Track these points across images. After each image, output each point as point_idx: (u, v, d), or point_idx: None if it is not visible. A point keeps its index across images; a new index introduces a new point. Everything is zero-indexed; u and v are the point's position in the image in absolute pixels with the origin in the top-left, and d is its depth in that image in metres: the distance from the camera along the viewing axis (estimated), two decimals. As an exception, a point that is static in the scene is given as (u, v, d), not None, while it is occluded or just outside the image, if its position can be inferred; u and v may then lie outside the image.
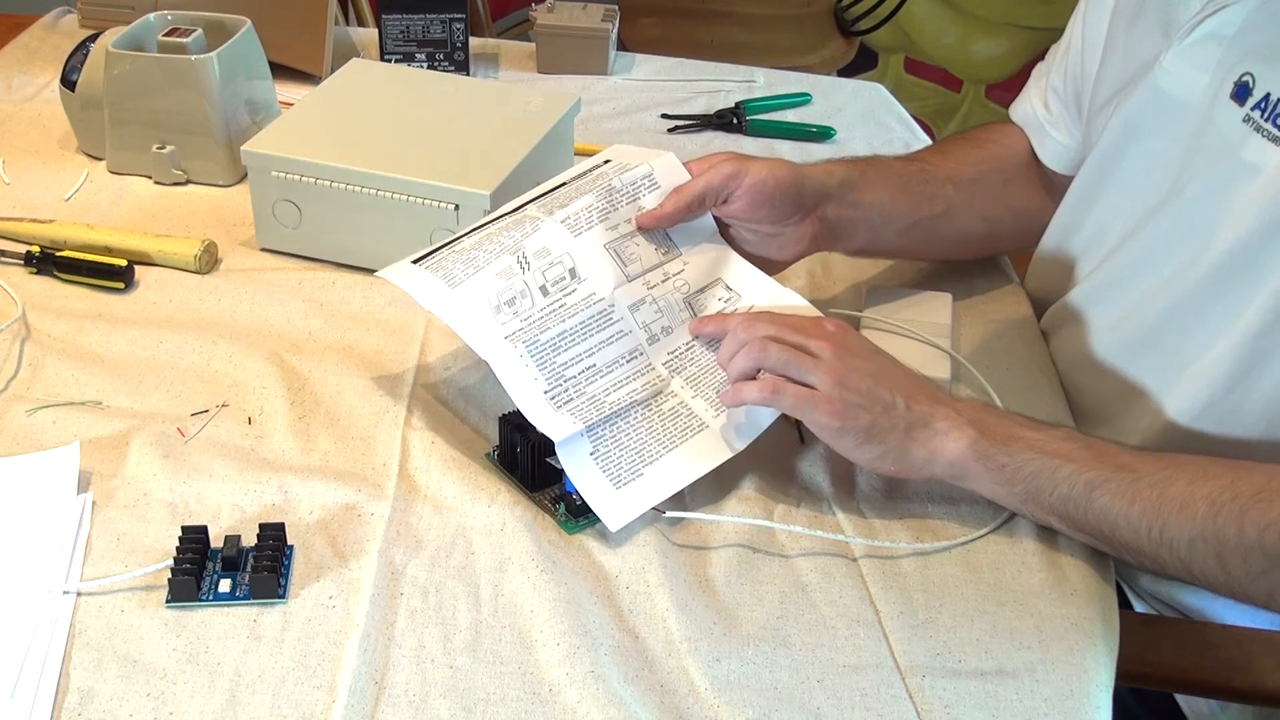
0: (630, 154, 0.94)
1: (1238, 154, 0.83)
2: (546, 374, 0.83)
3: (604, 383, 0.84)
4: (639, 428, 0.84)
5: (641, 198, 0.91)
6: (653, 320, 0.87)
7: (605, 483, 0.81)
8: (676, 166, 0.92)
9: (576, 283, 0.86)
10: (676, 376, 0.86)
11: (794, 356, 0.81)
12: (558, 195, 0.90)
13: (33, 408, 0.90)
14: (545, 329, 0.84)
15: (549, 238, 0.86)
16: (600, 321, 0.86)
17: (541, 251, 0.86)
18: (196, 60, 1.13)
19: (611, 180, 0.90)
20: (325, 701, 0.70)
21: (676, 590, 0.78)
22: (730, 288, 0.91)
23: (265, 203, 1.06)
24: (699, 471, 0.83)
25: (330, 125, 1.09)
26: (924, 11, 2.64)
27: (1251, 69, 0.83)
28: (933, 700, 0.72)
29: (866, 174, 0.97)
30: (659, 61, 1.47)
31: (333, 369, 0.95)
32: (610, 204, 0.90)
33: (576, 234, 0.87)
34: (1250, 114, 0.83)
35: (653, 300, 0.88)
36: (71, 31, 1.43)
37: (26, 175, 1.19)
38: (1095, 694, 0.73)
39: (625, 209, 0.90)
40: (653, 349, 0.87)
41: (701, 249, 0.92)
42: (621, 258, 0.88)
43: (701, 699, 0.72)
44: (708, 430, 0.85)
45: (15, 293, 1.01)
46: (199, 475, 0.85)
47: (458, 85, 1.18)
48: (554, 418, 0.81)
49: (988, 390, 0.95)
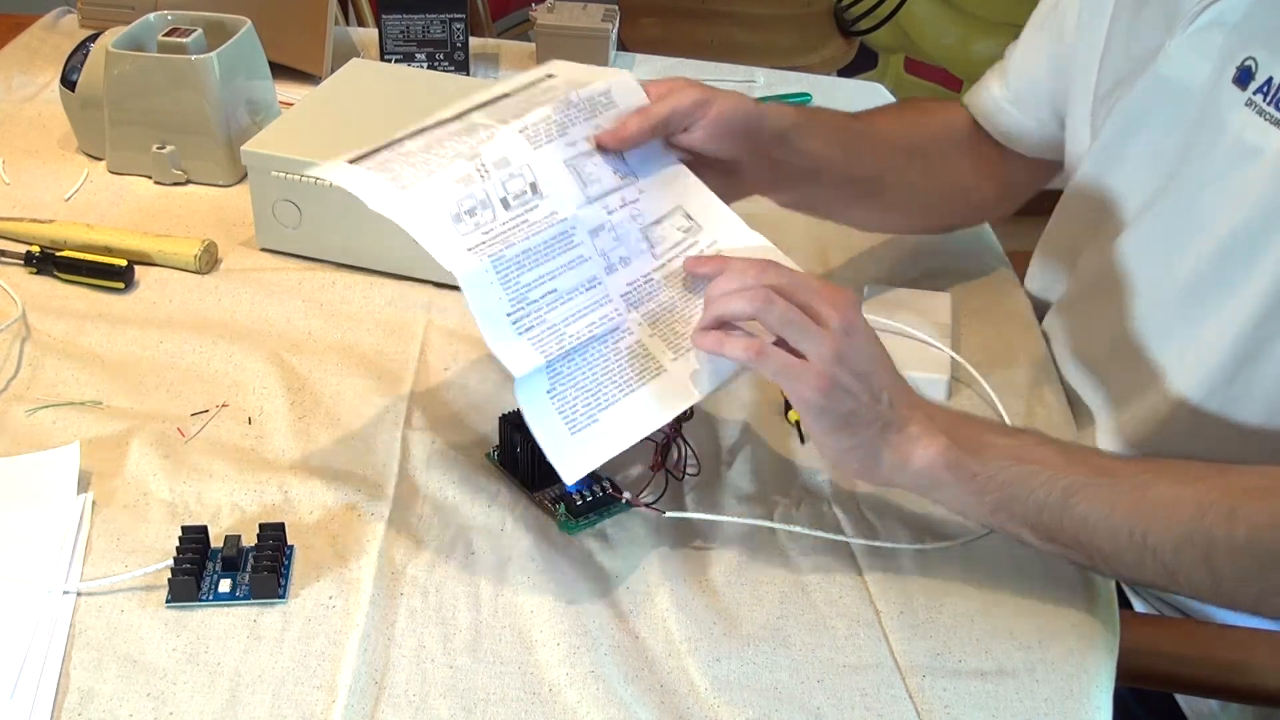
0: (578, 70, 0.89)
1: (1239, 138, 0.83)
2: (510, 294, 0.76)
3: (564, 311, 0.78)
4: (595, 367, 0.77)
5: (599, 115, 0.85)
6: (611, 248, 0.81)
7: (561, 426, 0.75)
8: (634, 87, 0.87)
9: (538, 199, 0.80)
10: (634, 311, 0.80)
11: (798, 317, 0.74)
12: (507, 105, 0.84)
13: (33, 408, 0.90)
14: (510, 244, 0.77)
15: (507, 147, 0.80)
16: (562, 243, 0.80)
17: (501, 161, 0.79)
18: (196, 60, 1.13)
19: (568, 94, 0.84)
20: (325, 701, 0.70)
21: (676, 590, 0.78)
22: (690, 216, 0.85)
23: (265, 203, 1.06)
24: (656, 421, 0.78)
25: (330, 125, 1.09)
26: (924, 11, 2.64)
27: (1255, 54, 0.83)
28: (933, 700, 0.72)
29: (812, 122, 0.94)
30: (659, 61, 1.47)
31: (333, 369, 0.95)
32: (568, 118, 0.83)
33: (536, 146, 0.81)
34: (1252, 98, 0.82)
35: (611, 227, 0.82)
36: (71, 31, 1.43)
37: (26, 175, 1.19)
38: (1095, 694, 0.73)
39: (582, 125, 0.84)
40: (611, 279, 0.80)
41: (659, 176, 0.86)
42: (582, 177, 0.82)
43: (701, 699, 0.72)
44: (665, 374, 0.79)
45: (15, 293, 1.01)
46: (199, 475, 0.85)
47: (458, 85, 1.18)
48: (515, 346, 0.75)
49: (988, 390, 0.95)
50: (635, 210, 0.83)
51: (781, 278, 0.76)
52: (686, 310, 0.81)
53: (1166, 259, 0.90)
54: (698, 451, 0.87)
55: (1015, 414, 0.93)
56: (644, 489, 0.84)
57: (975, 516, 0.77)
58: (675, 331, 0.80)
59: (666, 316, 0.81)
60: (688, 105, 0.85)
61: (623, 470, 0.87)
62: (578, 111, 0.84)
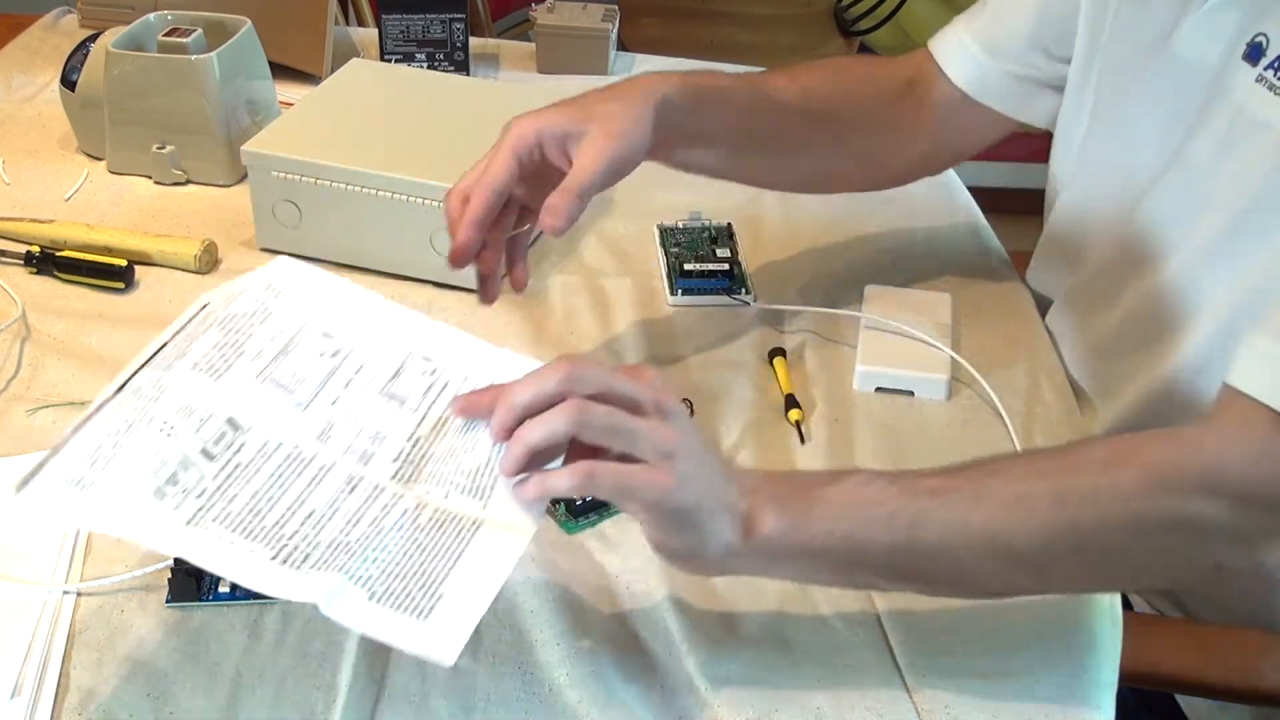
0: (234, 282, 0.77)
1: (1249, 114, 0.82)
2: (262, 543, 0.65)
3: (336, 524, 0.67)
4: (407, 553, 0.66)
5: (271, 310, 0.74)
6: (354, 438, 0.70)
7: (408, 620, 0.64)
8: (293, 263, 0.77)
9: (242, 434, 0.69)
10: (414, 484, 0.69)
11: (621, 419, 0.65)
12: (168, 354, 0.73)
13: (33, 408, 0.90)
14: (231, 498, 0.66)
15: (186, 392, 0.69)
16: (293, 466, 0.68)
17: (185, 410, 0.68)
18: (196, 60, 1.13)
19: (229, 309, 0.74)
20: (325, 701, 0.70)
21: (676, 590, 0.78)
22: (429, 358, 0.75)
23: (265, 203, 1.06)
24: (504, 570, 0.67)
25: (330, 125, 1.09)
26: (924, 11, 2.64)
27: (1267, 30, 0.83)
28: (933, 700, 0.72)
29: (701, 101, 0.89)
30: (659, 61, 1.46)
31: (333, 369, 0.95)
32: (240, 332, 0.73)
33: (217, 377, 0.70)
34: (1264, 74, 0.82)
35: (343, 416, 0.71)
36: (71, 31, 1.43)
37: (26, 175, 1.19)
38: (1095, 694, 0.73)
39: (260, 331, 0.73)
40: (371, 467, 0.69)
41: (374, 333, 0.75)
42: (283, 386, 0.71)
43: (701, 699, 0.72)
44: (485, 526, 0.68)
45: (15, 293, 1.01)
46: (199, 475, 0.85)
47: (458, 85, 1.18)
48: (302, 582, 0.63)
49: (988, 390, 0.95)
50: (364, 380, 0.73)
51: (585, 379, 0.66)
52: (471, 450, 0.70)
53: (1175, 237, 0.89)
54: (698, 451, 0.87)
55: (1015, 414, 0.93)
56: (644, 489, 0.84)
57: (822, 581, 0.72)
58: (471, 478, 0.69)
59: (453, 468, 0.70)
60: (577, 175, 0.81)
61: (623, 470, 0.87)
62: (247, 320, 0.74)
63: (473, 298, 1.03)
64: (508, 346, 0.97)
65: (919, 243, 1.14)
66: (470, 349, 0.76)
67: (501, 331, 1.00)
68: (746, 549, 0.68)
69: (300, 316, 0.74)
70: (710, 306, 1.04)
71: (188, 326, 0.74)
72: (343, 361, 0.73)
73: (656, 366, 0.97)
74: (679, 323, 1.02)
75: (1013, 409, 0.94)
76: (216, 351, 0.71)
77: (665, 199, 1.16)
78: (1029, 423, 0.93)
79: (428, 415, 0.72)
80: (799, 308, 1.03)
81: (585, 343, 0.99)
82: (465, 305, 1.03)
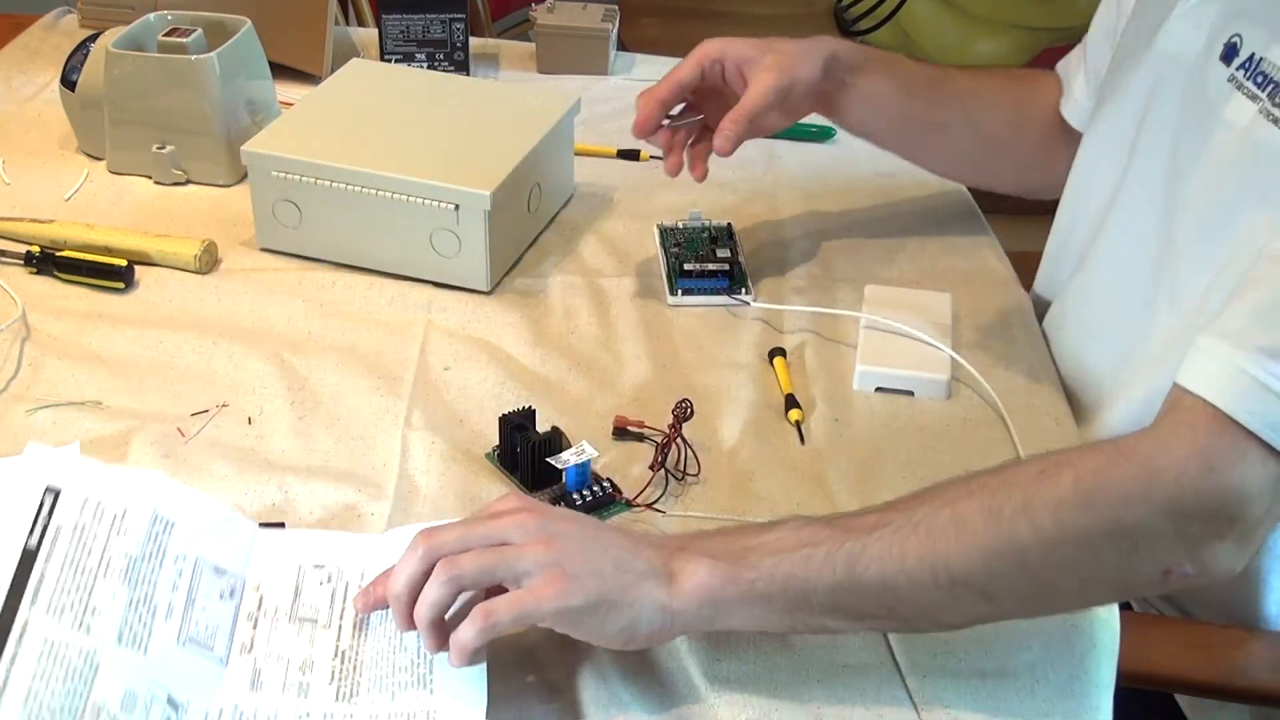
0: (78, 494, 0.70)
1: (1220, 114, 0.83)
2: None
3: None
4: None
5: (165, 546, 0.70)
6: (285, 676, 0.68)
7: None
8: (173, 487, 0.73)
9: (182, 713, 0.65)
10: (359, 698, 0.68)
11: (490, 558, 0.67)
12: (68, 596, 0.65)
13: (33, 408, 0.90)
14: None
15: (121, 674, 0.64)
16: None
17: (128, 700, 0.63)
18: (196, 60, 1.13)
19: (123, 549, 0.68)
20: (325, 701, 0.70)
21: (676, 590, 0.78)
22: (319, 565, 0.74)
23: (265, 203, 1.06)
24: None
25: (330, 125, 1.09)
26: (924, 11, 2.64)
27: (1241, 30, 0.84)
28: (933, 700, 0.72)
29: (867, 65, 1.03)
30: (659, 61, 1.46)
31: (333, 369, 0.95)
32: (146, 583, 0.68)
33: (143, 650, 0.66)
34: (1235, 74, 0.83)
35: (265, 656, 0.69)
36: (71, 31, 1.43)
37: (26, 175, 1.19)
38: (1095, 694, 0.73)
39: (162, 577, 0.69)
40: (313, 700, 0.67)
41: (258, 553, 0.74)
42: (200, 643, 0.68)
43: (701, 699, 0.72)
44: (438, 714, 0.67)
45: (15, 293, 1.01)
46: (199, 475, 0.85)
47: (458, 85, 1.18)
48: None
49: (988, 390, 0.95)
50: (270, 612, 0.71)
51: (442, 544, 0.68)
52: (400, 645, 0.70)
53: (1152, 238, 0.90)
54: (698, 451, 0.87)
55: (1015, 413, 0.93)
56: (644, 489, 0.84)
57: (775, 626, 0.71)
58: (409, 672, 0.69)
59: (389, 668, 0.69)
60: (744, 103, 0.96)
61: (623, 470, 0.87)
62: (146, 564, 0.69)
63: (472, 297, 1.03)
64: (508, 346, 0.98)
65: (919, 243, 1.14)
66: (349, 544, 0.76)
67: (501, 331, 1.00)
68: (684, 602, 0.68)
69: (190, 553, 0.71)
70: (710, 306, 1.04)
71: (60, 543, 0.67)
72: (242, 599, 0.72)
73: (656, 366, 0.97)
74: (679, 323, 1.02)
75: (1013, 409, 0.94)
76: (133, 613, 0.66)
77: (665, 199, 1.16)
78: (1029, 422, 0.93)
79: (343, 626, 0.71)
80: (799, 308, 1.03)
81: (585, 343, 0.99)
82: (465, 305, 1.03)
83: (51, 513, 0.69)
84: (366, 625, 0.71)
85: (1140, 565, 0.71)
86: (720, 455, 0.89)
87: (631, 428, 0.90)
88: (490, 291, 1.04)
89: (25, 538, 0.67)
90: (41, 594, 0.65)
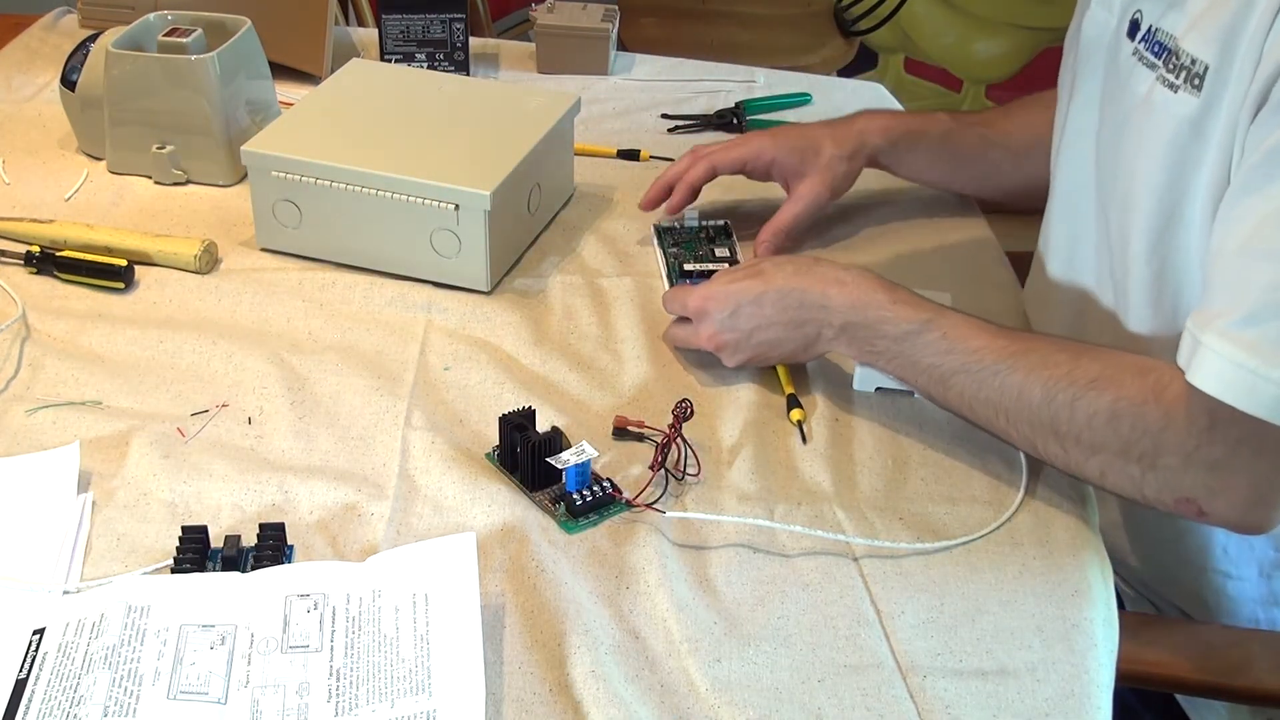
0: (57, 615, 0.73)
1: (1129, 87, 0.87)
2: None
3: None
4: None
5: (143, 627, 0.72)
6: (283, 703, 0.69)
7: None
8: (148, 582, 0.75)
9: None
10: (359, 710, 0.69)
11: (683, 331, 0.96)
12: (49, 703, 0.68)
13: (33, 408, 0.90)
14: None
15: None
16: None
17: None
18: (196, 60, 1.13)
19: (100, 641, 0.70)
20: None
21: (676, 590, 0.78)
22: (304, 594, 0.74)
23: (265, 203, 1.06)
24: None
25: (330, 125, 1.09)
26: (924, 11, 2.64)
27: (1142, 6, 0.87)
28: (933, 700, 0.72)
29: (900, 149, 1.10)
30: (659, 61, 1.47)
31: (333, 369, 0.95)
32: (130, 661, 0.69)
33: (132, 715, 0.67)
34: (1138, 47, 0.86)
35: (262, 687, 0.70)
36: (71, 31, 1.43)
37: (26, 175, 1.19)
38: (1095, 694, 0.73)
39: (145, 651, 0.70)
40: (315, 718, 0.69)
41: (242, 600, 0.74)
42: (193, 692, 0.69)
43: (701, 699, 0.72)
44: (439, 712, 0.68)
45: (15, 293, 1.01)
46: (199, 475, 0.85)
47: (458, 85, 1.18)
48: None
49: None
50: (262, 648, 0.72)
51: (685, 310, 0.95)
52: (396, 658, 0.71)
53: (1092, 226, 0.93)
54: (698, 451, 0.87)
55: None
56: (644, 489, 0.84)
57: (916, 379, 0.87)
58: (406, 680, 0.70)
59: (386, 679, 0.70)
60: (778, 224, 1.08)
61: (623, 470, 0.87)
62: (128, 647, 0.70)
63: (472, 297, 1.03)
64: (508, 346, 0.98)
65: (919, 243, 1.14)
66: (332, 572, 0.76)
67: (501, 331, 1.00)
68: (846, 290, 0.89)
69: (174, 623, 0.72)
70: (710, 306, 1.04)
71: (46, 664, 0.70)
72: (235, 643, 0.72)
73: (656, 366, 0.97)
74: (679, 323, 1.02)
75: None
76: (118, 688, 0.68)
77: (665, 199, 1.16)
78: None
79: (334, 647, 0.72)
80: (799, 308, 1.03)
81: (585, 342, 0.99)
82: (465, 305, 1.03)
83: (39, 647, 0.72)
84: (359, 646, 0.72)
85: (1153, 482, 0.78)
86: (720, 455, 0.89)
87: (631, 428, 0.90)
88: (490, 291, 1.04)
89: (16, 671, 0.70)
90: (32, 708, 0.68)
